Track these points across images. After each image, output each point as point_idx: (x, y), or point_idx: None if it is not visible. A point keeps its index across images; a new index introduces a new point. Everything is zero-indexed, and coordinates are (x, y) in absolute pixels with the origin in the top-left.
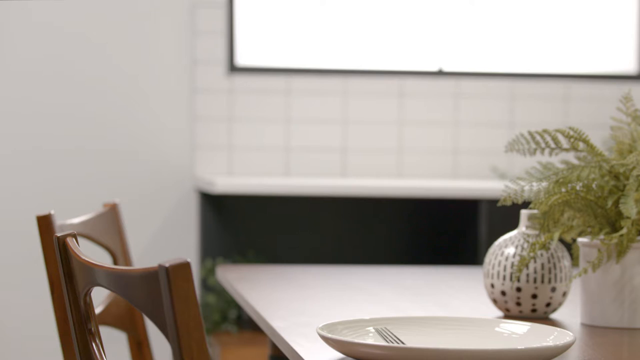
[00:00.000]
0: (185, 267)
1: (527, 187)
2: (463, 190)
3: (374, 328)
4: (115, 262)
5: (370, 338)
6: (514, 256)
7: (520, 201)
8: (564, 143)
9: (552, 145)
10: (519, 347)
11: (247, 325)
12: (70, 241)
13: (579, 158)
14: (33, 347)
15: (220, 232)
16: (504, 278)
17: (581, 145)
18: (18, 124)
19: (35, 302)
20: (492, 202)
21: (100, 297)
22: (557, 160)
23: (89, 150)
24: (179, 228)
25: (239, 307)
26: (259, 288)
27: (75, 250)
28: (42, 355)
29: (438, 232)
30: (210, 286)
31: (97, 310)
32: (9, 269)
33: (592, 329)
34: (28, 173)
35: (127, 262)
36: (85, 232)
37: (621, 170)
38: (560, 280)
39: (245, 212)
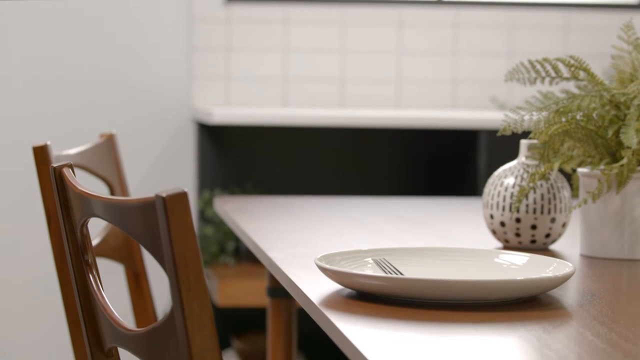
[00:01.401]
0: (182, 197)
1: (527, 117)
2: (462, 121)
3: (372, 259)
4: (112, 193)
5: (369, 269)
6: (513, 187)
7: (520, 131)
8: (565, 72)
9: (553, 74)
10: (518, 278)
11: (245, 257)
12: (67, 172)
13: (579, 87)
14: (30, 280)
15: (218, 164)
16: (503, 209)
17: (582, 74)
18: (13, 56)
19: (31, 234)
20: (491, 133)
21: (97, 230)
22: (557, 89)
23: (85, 81)
24: (176, 159)
25: (236, 239)
26: (256, 219)
27: (72, 181)
28: (39, 288)
29: (437, 162)
30: (208, 218)
31: (95, 242)
32: (5, 201)
33: (592, 260)
34: (24, 104)
35: (124, 193)
36: (82, 163)
37: (622, 99)
38: (560, 211)
39: (243, 143)
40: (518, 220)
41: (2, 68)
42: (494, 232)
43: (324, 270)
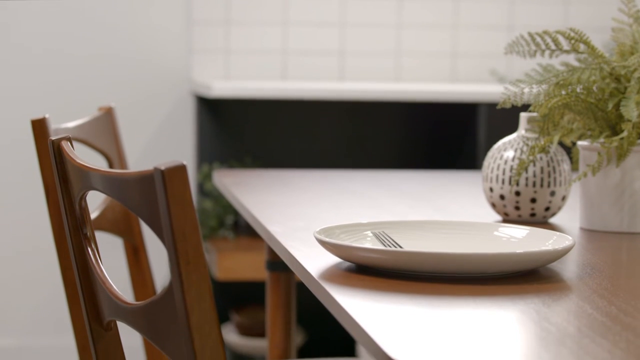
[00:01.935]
0: (181, 169)
1: (526, 90)
2: (462, 94)
3: (371, 232)
4: (111, 167)
5: (368, 242)
6: (513, 160)
7: (519, 104)
8: (565, 44)
9: (553, 46)
10: (517, 251)
11: (244, 231)
12: (65, 145)
13: (579, 60)
14: (28, 254)
15: (217, 137)
16: (503, 182)
17: (582, 46)
18: (12, 29)
19: (30, 208)
20: (491, 106)
21: (96, 204)
22: (557, 62)
23: (84, 53)
24: (175, 133)
25: (235, 213)
26: (255, 193)
27: (70, 154)
28: (37, 262)
29: (437, 136)
30: (207, 192)
31: (93, 215)
32: (3, 175)
33: (591, 234)
34: (22, 77)
35: (123, 166)
36: (81, 136)
37: (622, 72)
38: (560, 184)
39: (243, 117)
40: (517, 193)
41: (0, 41)
42: (493, 206)
43: (323, 243)
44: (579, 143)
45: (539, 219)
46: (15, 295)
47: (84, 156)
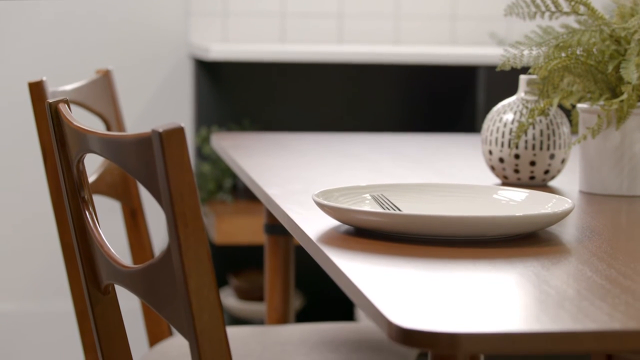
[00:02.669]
0: (179, 132)
1: (526, 52)
2: (461, 57)
3: (370, 195)
4: (109, 130)
5: (367, 205)
6: (512, 122)
7: (519, 66)
8: (565, 6)
9: (553, 8)
10: (516, 214)
11: (242, 194)
12: (63, 107)
13: (579, 22)
14: (26, 218)
15: (215, 100)
16: (502, 145)
17: (582, 8)
18: None
19: (27, 172)
20: (490, 69)
21: (94, 168)
22: (557, 24)
23: (81, 15)
24: (173, 96)
25: (234, 176)
26: (254, 156)
27: (68, 117)
28: (35, 226)
29: (436, 99)
30: (205, 155)
31: (91, 179)
32: (1, 138)
33: (591, 197)
34: (19, 40)
35: (121, 130)
36: (78, 99)
37: (622, 34)
38: (559, 147)
39: (241, 80)
40: (517, 156)
41: None
42: (492, 169)
43: (322, 206)
44: (579, 106)
45: (538, 182)
46: (13, 260)
47: (81, 119)
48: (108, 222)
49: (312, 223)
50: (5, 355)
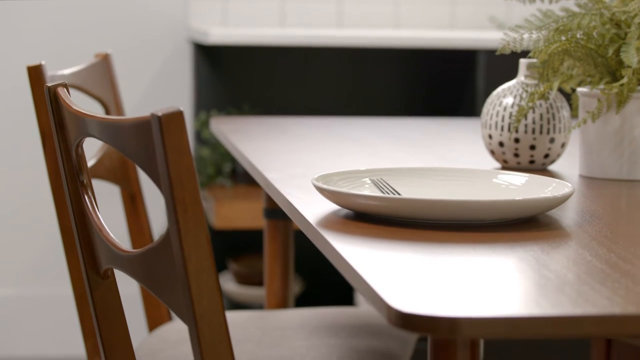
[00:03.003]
0: (178, 116)
1: (526, 36)
2: (461, 40)
3: (369, 179)
4: (108, 114)
5: (366, 189)
6: (512, 106)
7: (519, 50)
8: None
9: None
10: (516, 198)
11: (241, 178)
12: (62, 91)
13: (579, 5)
14: (25, 202)
15: (214, 84)
16: (502, 129)
17: None
18: None
19: (26, 156)
20: (490, 53)
21: (93, 152)
22: (557, 7)
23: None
24: (172, 80)
25: (233, 161)
26: (253, 140)
27: (67, 100)
28: (34, 210)
29: (436, 83)
30: (204, 139)
31: (90, 163)
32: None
33: (591, 181)
34: (18, 24)
35: (120, 114)
36: (77, 83)
37: (623, 17)
38: (559, 131)
39: (240, 64)
40: (517, 140)
41: None
42: (492, 153)
43: (321, 190)
44: (579, 89)
45: (538, 166)
46: (12, 245)
47: (80, 103)
48: (107, 207)
49: (311, 207)
50: (4, 340)
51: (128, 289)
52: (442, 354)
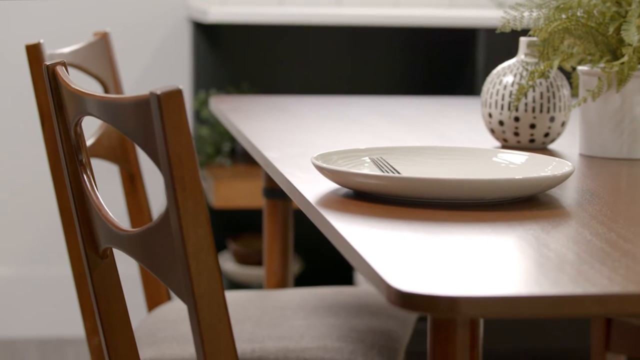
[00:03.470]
0: (177, 94)
1: (526, 14)
2: (461, 19)
3: (369, 158)
4: (107, 92)
5: (366, 168)
6: (512, 85)
7: (519, 28)
8: None
9: None
10: (516, 177)
11: (241, 158)
12: (60, 70)
13: None
14: (24, 182)
15: (213, 63)
16: (502, 107)
17: None
18: None
19: (25, 135)
20: (490, 31)
21: (92, 131)
22: None
23: None
24: (171, 59)
25: (232, 140)
26: (252, 119)
27: (65, 79)
28: (33, 190)
29: (436, 61)
30: (204, 119)
31: (89, 142)
32: None
33: (591, 160)
34: (16, 2)
35: (119, 92)
36: (76, 62)
37: None
38: (559, 110)
39: (239, 43)
40: (517, 119)
41: None
42: (492, 132)
43: (321, 169)
44: (579, 68)
45: (538, 145)
46: (11, 225)
47: (79, 82)
48: (106, 186)
49: (311, 186)
50: (3, 320)
51: (127, 268)
52: (441, 334)
